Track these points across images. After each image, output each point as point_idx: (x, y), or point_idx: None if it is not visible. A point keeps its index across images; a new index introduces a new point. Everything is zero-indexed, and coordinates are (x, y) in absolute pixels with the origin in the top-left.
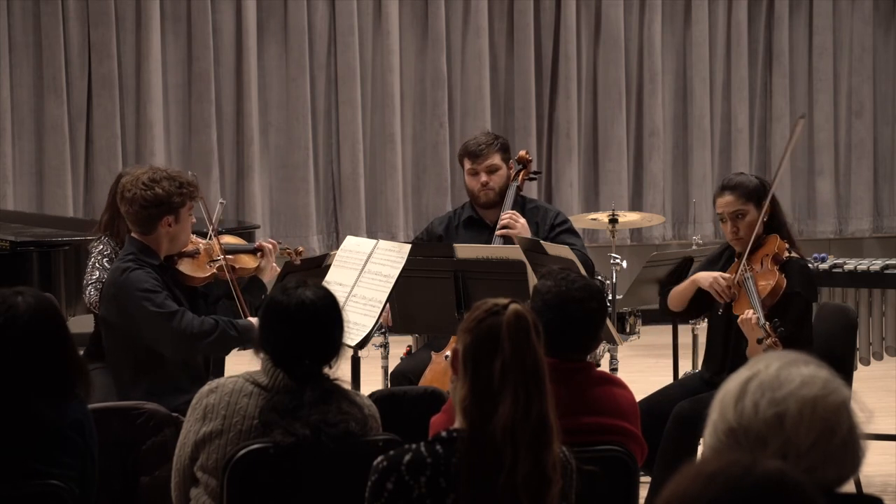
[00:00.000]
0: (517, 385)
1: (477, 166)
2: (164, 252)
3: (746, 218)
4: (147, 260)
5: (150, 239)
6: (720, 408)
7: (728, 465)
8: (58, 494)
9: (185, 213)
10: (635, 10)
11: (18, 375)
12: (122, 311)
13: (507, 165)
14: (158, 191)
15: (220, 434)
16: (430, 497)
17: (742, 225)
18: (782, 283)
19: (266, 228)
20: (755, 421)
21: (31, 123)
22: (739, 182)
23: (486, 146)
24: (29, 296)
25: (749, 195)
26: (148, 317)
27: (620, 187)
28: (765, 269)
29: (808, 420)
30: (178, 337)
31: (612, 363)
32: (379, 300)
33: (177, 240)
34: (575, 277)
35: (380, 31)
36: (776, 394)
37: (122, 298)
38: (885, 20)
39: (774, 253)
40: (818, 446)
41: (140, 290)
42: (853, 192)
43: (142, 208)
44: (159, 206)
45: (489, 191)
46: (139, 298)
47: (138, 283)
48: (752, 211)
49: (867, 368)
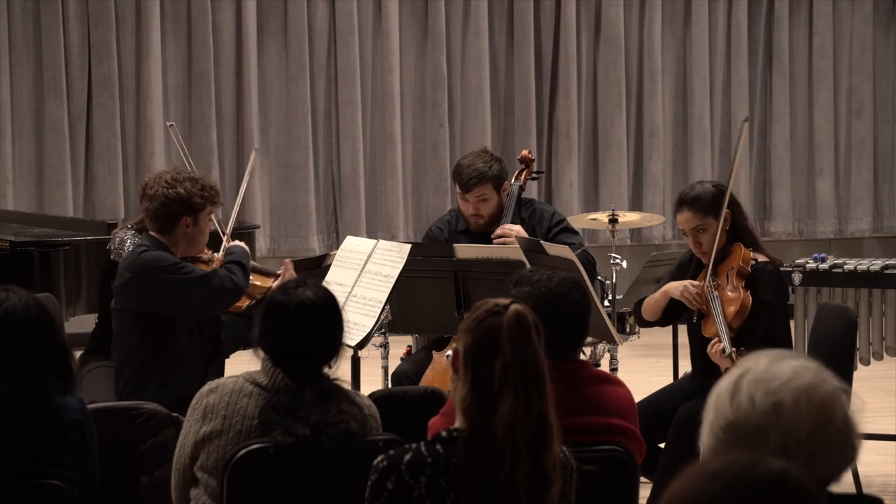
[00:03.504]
0: (517, 385)
1: (468, 196)
2: (181, 254)
3: (708, 231)
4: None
5: (169, 238)
6: (715, 407)
7: (730, 465)
8: (57, 494)
9: (205, 217)
10: (635, 10)
11: (12, 372)
12: (145, 294)
13: (499, 193)
14: (181, 190)
15: (220, 434)
16: (430, 497)
17: (704, 239)
18: (748, 302)
19: (266, 228)
20: (753, 413)
21: (31, 123)
22: (696, 196)
23: (477, 178)
24: (18, 294)
25: (707, 209)
26: (185, 284)
27: (620, 187)
28: (730, 286)
29: (804, 408)
30: (219, 293)
31: (612, 363)
32: (379, 300)
33: (194, 242)
34: (550, 274)
35: (380, 31)
36: (770, 385)
37: (145, 280)
38: (885, 20)
39: (739, 266)
40: (816, 434)
41: (164, 267)
42: (853, 192)
43: (162, 205)
44: (180, 205)
45: (479, 219)
46: (167, 271)
47: (160, 261)
48: (712, 223)
49: (867, 368)
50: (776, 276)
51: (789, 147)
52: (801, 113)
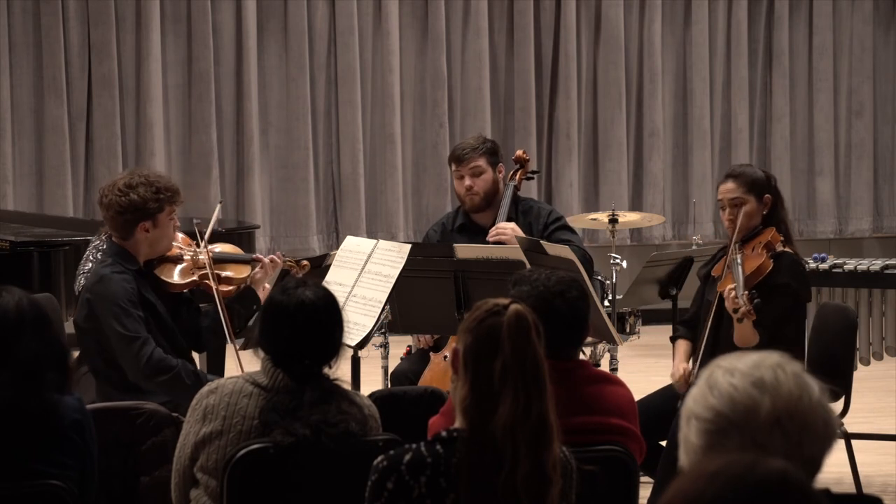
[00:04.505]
0: (517, 385)
1: (461, 170)
2: (144, 257)
3: (744, 207)
4: (125, 265)
5: (129, 244)
6: (696, 408)
7: (730, 465)
8: (57, 494)
9: (165, 219)
10: (635, 10)
11: (10, 372)
12: (93, 318)
13: (493, 169)
14: (133, 196)
15: (220, 434)
16: (430, 497)
17: (739, 213)
18: (768, 265)
19: (266, 228)
20: (737, 395)
21: (31, 123)
22: (743, 171)
23: (471, 150)
24: (12, 293)
25: (751, 186)
26: (114, 335)
27: (620, 187)
28: (755, 254)
29: (783, 378)
30: (135, 363)
31: (612, 363)
32: (379, 300)
33: (157, 245)
34: (548, 274)
35: (380, 31)
36: (744, 369)
37: (96, 307)
38: (885, 20)
39: (767, 241)
40: (802, 403)
41: (115, 305)
42: (853, 192)
43: (117, 214)
44: (134, 211)
45: (473, 195)
46: (111, 314)
47: (114, 297)
48: (751, 201)
49: (867, 368)
50: (800, 267)
51: (789, 147)
52: (801, 113)
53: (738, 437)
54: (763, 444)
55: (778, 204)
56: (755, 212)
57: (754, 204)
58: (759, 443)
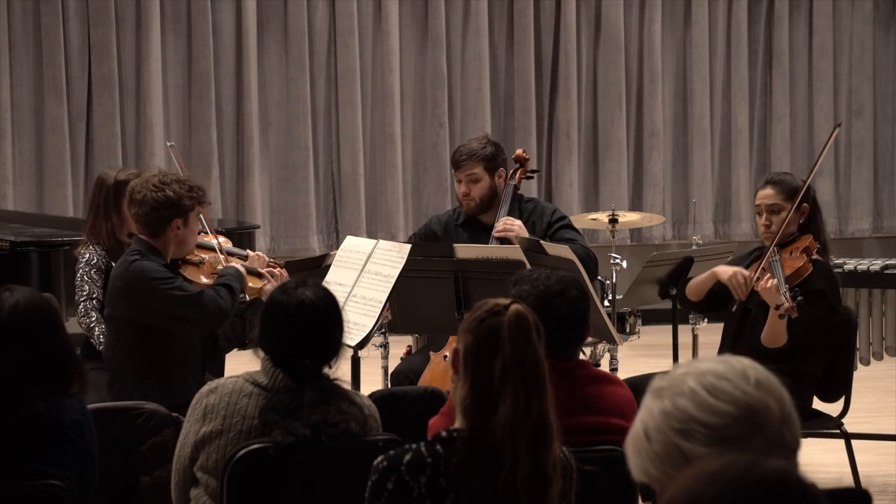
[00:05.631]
0: (517, 385)
1: (459, 175)
2: (171, 256)
3: (781, 214)
4: (154, 259)
5: (159, 241)
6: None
7: (730, 465)
8: (57, 494)
9: (194, 218)
10: (635, 10)
11: (11, 372)
12: (134, 303)
13: (491, 175)
14: (169, 193)
15: (220, 434)
16: (430, 497)
17: (775, 220)
18: (808, 268)
19: (266, 228)
20: (752, 399)
21: (31, 123)
22: (783, 179)
23: (468, 156)
24: (18, 292)
25: (790, 193)
26: (171, 301)
27: (620, 187)
28: (793, 257)
29: (763, 376)
30: (214, 315)
31: (612, 363)
32: (379, 300)
33: (184, 244)
34: (548, 273)
35: (380, 31)
36: (734, 372)
37: (135, 289)
38: (885, 20)
39: (806, 247)
40: (785, 396)
41: (154, 279)
42: (853, 192)
43: (152, 209)
44: (170, 207)
45: (469, 201)
46: (157, 284)
47: (150, 273)
48: (786, 207)
49: (867, 368)
50: (836, 279)
51: (789, 147)
52: (801, 113)
53: (761, 440)
54: (778, 442)
55: (816, 215)
56: (792, 219)
57: (792, 212)
58: (776, 442)
